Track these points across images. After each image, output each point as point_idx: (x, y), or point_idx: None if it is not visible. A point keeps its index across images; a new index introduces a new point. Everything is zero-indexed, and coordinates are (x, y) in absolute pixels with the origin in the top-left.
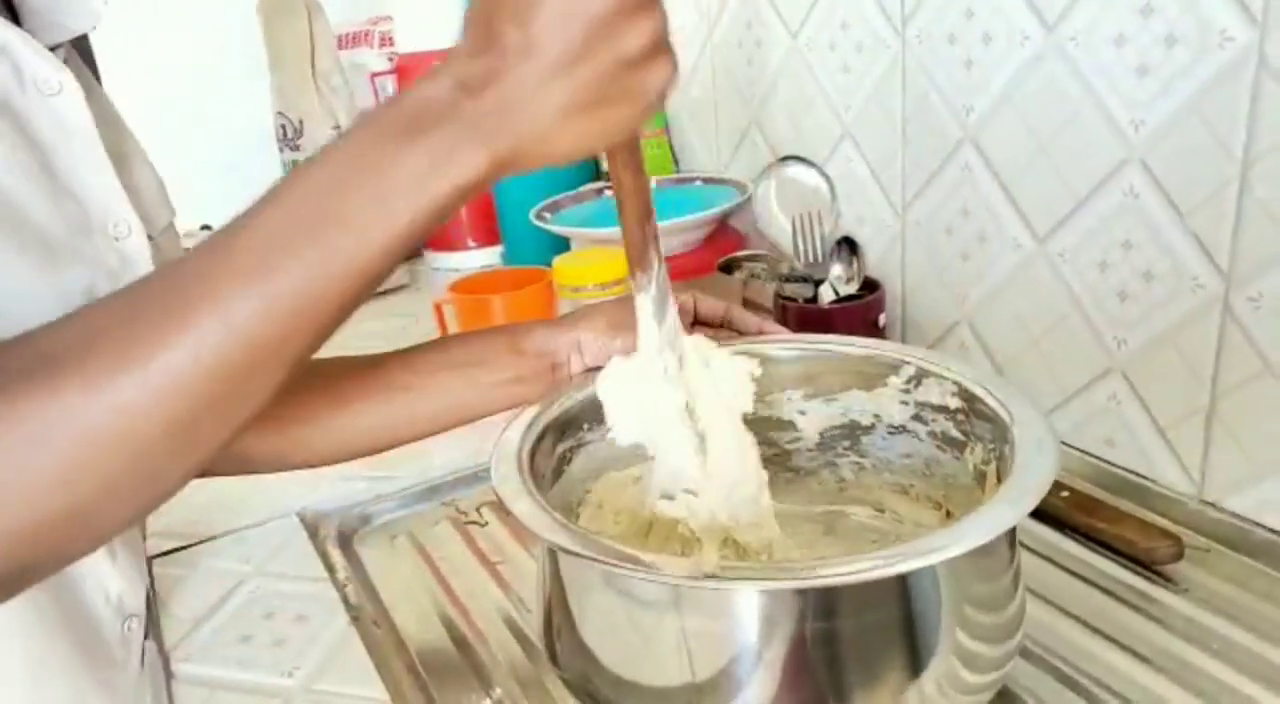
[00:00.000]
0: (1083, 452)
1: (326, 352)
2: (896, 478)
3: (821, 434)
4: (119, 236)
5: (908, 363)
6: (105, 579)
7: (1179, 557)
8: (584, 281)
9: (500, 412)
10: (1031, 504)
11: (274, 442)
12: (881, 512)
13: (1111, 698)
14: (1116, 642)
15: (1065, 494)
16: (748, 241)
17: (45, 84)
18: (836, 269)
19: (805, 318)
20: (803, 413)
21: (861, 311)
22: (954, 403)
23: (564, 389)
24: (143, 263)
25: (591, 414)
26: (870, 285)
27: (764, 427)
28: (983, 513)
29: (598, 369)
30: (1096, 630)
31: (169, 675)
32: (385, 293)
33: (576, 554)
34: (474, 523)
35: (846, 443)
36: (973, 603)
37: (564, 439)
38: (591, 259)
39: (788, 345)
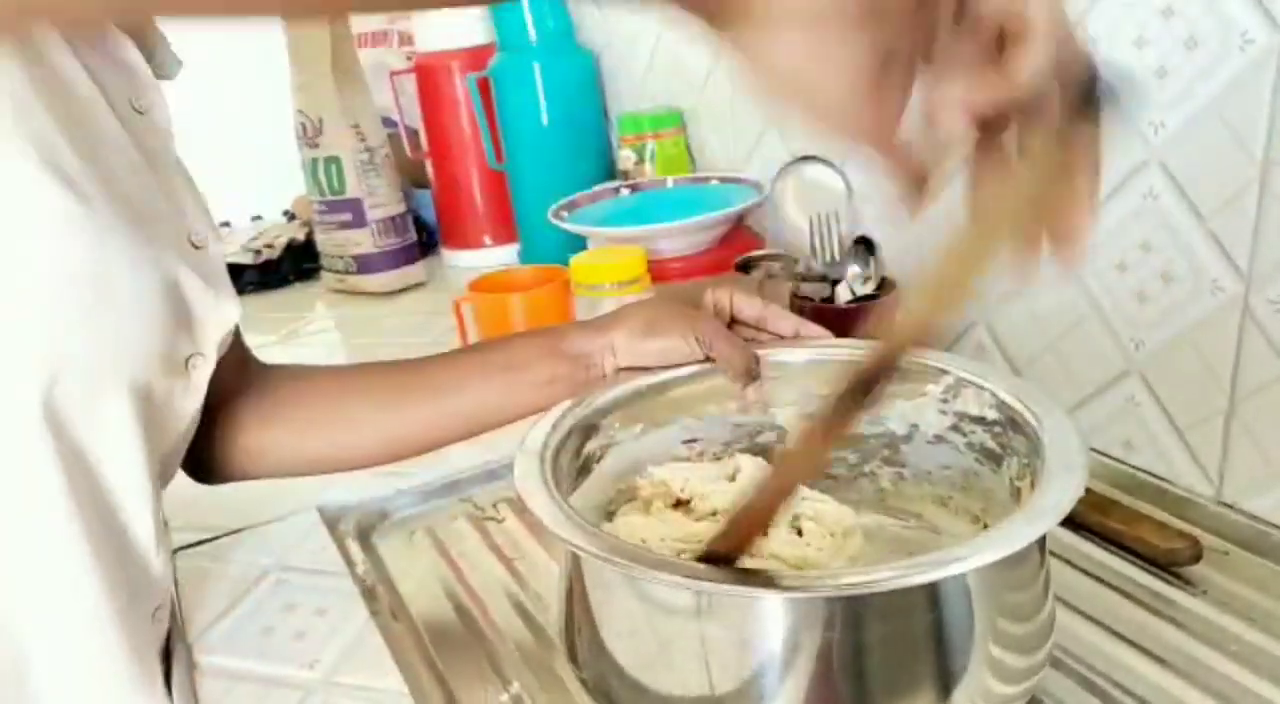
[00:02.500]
0: (1100, 453)
1: (361, 357)
2: (936, 489)
3: (850, 443)
4: (199, 244)
5: (947, 372)
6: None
7: (1197, 558)
8: (601, 280)
9: (536, 413)
10: (1050, 524)
11: (318, 445)
12: (921, 523)
13: (1129, 699)
14: (1134, 643)
15: (1083, 495)
16: (764, 241)
17: (138, 101)
18: (854, 269)
19: (822, 317)
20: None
21: (879, 312)
22: (991, 414)
23: (594, 389)
24: (222, 273)
25: (622, 413)
26: (887, 285)
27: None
28: (1001, 528)
29: (631, 370)
30: (1114, 632)
31: (192, 666)
32: (403, 291)
33: (592, 554)
34: (491, 519)
35: (886, 452)
36: (1004, 612)
37: (593, 438)
38: (608, 258)
39: (827, 350)
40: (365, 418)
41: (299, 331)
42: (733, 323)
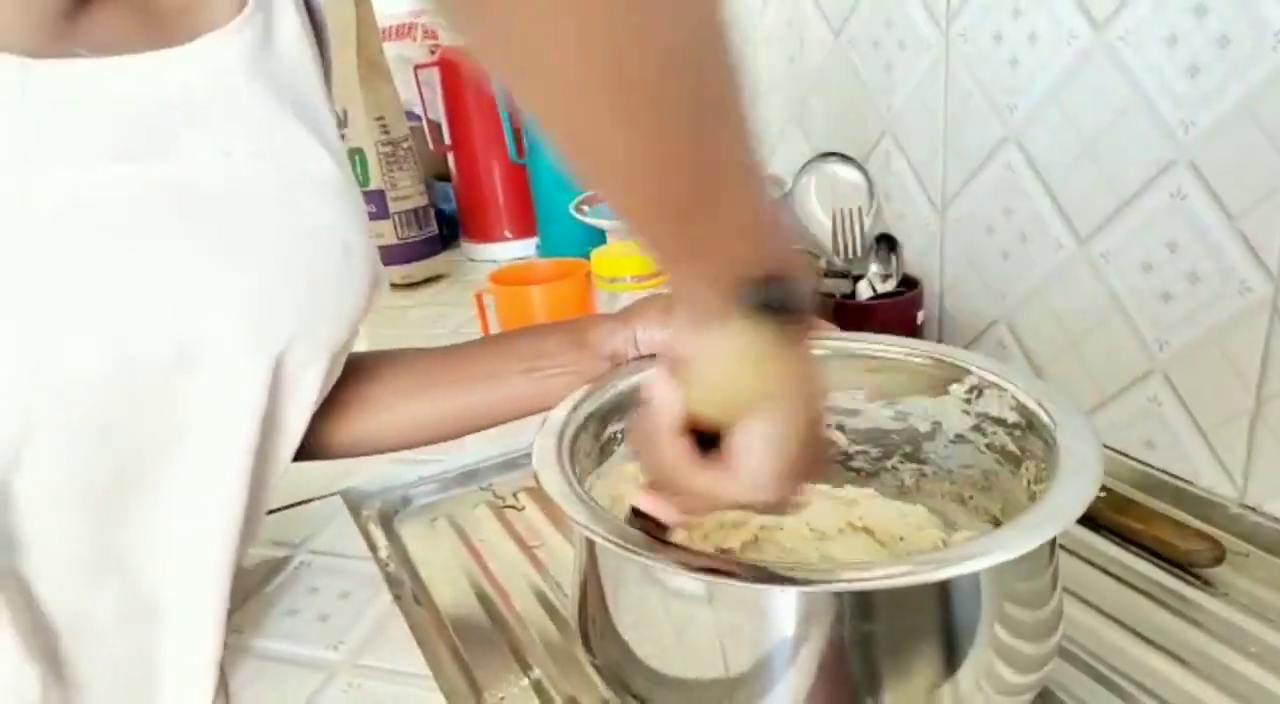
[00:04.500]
0: (1121, 453)
1: (382, 347)
2: (957, 488)
3: (873, 437)
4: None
5: (970, 372)
6: None
7: (1219, 560)
8: (621, 273)
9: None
10: (1055, 532)
11: (347, 429)
12: (943, 520)
13: (1149, 699)
14: (1155, 644)
15: (1104, 495)
16: None
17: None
18: (875, 266)
19: (843, 314)
20: (857, 412)
21: (900, 309)
22: (1012, 417)
23: (614, 374)
24: None
25: (638, 400)
26: (909, 282)
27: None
28: (1012, 528)
29: (650, 357)
30: (1135, 632)
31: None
32: (424, 283)
33: (604, 538)
34: (511, 507)
35: (909, 448)
36: (1013, 601)
37: (611, 423)
38: (628, 252)
39: (851, 344)
40: (396, 403)
41: None
42: None
